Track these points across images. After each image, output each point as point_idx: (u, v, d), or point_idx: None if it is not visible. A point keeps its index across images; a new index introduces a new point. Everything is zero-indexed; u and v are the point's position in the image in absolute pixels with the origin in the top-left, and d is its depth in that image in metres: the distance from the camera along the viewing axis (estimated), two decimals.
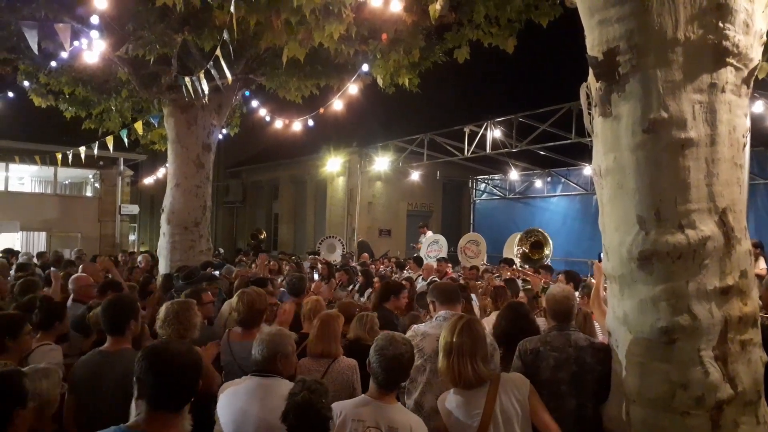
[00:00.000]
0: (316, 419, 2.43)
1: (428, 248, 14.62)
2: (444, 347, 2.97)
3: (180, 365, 2.02)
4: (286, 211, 22.96)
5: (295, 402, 2.43)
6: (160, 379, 1.99)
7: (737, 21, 2.73)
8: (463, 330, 2.97)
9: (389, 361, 2.78)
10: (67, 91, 9.68)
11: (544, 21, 6.78)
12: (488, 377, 2.92)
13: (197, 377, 2.07)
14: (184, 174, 9.35)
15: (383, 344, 2.84)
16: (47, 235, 17.69)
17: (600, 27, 2.87)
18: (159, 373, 1.99)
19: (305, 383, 2.52)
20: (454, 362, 2.91)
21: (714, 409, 2.68)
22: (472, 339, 2.94)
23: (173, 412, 2.00)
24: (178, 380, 2.00)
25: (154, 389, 1.98)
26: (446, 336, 3.00)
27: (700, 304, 2.69)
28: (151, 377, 1.99)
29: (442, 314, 3.58)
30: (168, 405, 2.00)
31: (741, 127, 2.84)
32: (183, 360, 2.03)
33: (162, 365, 2.01)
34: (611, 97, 2.87)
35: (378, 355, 2.80)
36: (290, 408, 2.44)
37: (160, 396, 1.99)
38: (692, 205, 2.70)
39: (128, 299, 3.72)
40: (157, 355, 2.04)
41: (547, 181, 17.85)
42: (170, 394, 2.00)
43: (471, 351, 2.91)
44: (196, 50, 8.15)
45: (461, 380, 2.90)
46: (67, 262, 9.77)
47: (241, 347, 3.81)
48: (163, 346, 2.12)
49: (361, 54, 7.65)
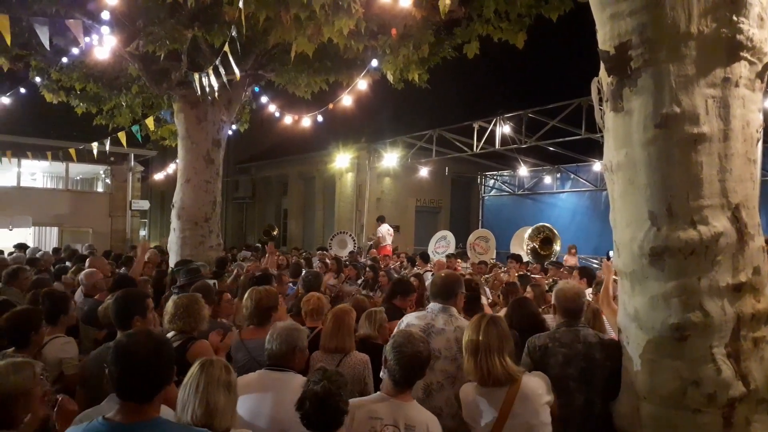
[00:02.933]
0: (333, 410, 2.41)
1: (436, 244, 14.61)
2: (469, 346, 2.95)
3: (140, 354, 2.04)
4: (295, 207, 23.02)
5: (314, 391, 2.40)
6: (124, 371, 2.03)
7: (751, 14, 2.69)
8: (489, 327, 2.94)
9: (408, 359, 2.74)
10: (79, 87, 9.76)
11: (554, 15, 6.74)
12: (517, 374, 2.90)
13: (163, 365, 2.09)
14: (195, 169, 9.40)
15: (402, 341, 2.80)
16: (59, 230, 17.85)
17: (612, 21, 2.84)
18: (123, 365, 2.04)
19: (326, 373, 2.49)
20: (482, 360, 2.88)
21: (726, 406, 2.66)
22: (499, 336, 2.93)
23: (143, 402, 2.04)
24: (140, 371, 2.03)
25: (119, 381, 2.03)
26: (471, 335, 2.97)
27: (713, 300, 2.67)
28: (116, 369, 2.04)
29: (431, 306, 3.59)
30: (133, 396, 2.04)
31: (755, 122, 2.80)
32: (143, 349, 2.05)
33: (125, 357, 2.04)
34: (623, 92, 2.84)
35: (396, 353, 2.77)
36: (308, 396, 2.41)
37: (125, 387, 2.04)
38: (705, 201, 2.68)
39: (136, 294, 3.74)
40: (121, 348, 2.08)
41: (557, 177, 17.76)
42: (134, 385, 2.03)
43: (498, 348, 2.89)
44: (206, 46, 8.17)
45: (490, 378, 2.87)
46: (80, 257, 9.85)
47: (256, 344, 3.80)
48: (127, 338, 2.15)
49: (371, 49, 7.64)
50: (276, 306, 4.10)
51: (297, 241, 21.68)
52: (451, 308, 3.57)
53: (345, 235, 15.99)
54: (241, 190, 25.41)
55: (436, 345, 3.38)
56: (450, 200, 21.29)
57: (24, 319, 3.49)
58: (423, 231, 19.34)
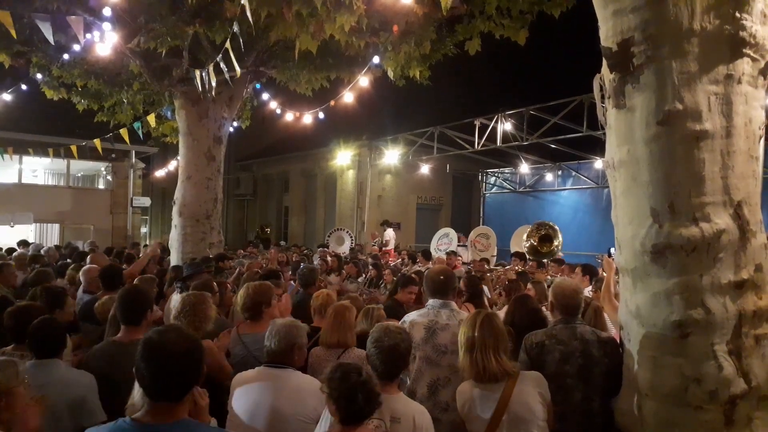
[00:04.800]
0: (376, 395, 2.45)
1: (438, 241, 14.62)
2: (465, 342, 2.98)
3: (174, 354, 1.98)
4: (297, 204, 23.02)
5: (361, 381, 2.41)
6: (156, 369, 1.96)
7: (754, 11, 2.69)
8: (484, 324, 2.97)
9: (387, 351, 2.80)
10: (80, 83, 9.75)
11: (557, 12, 6.71)
12: (513, 371, 2.92)
13: (195, 365, 2.03)
14: (196, 166, 9.40)
15: (379, 335, 2.86)
16: (60, 227, 17.87)
17: (614, 17, 2.83)
18: (155, 364, 1.97)
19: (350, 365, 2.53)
20: (477, 357, 2.91)
21: (727, 403, 2.66)
22: (494, 333, 2.95)
23: (173, 402, 1.99)
24: (174, 370, 1.97)
25: (151, 380, 1.97)
26: (467, 331, 3.00)
27: (714, 298, 2.67)
28: (146, 367, 1.97)
29: (431, 303, 3.60)
30: (167, 395, 1.98)
31: (757, 119, 2.80)
32: (177, 348, 1.99)
33: (158, 356, 1.98)
34: (625, 89, 2.84)
35: (375, 347, 2.83)
36: (357, 386, 2.39)
37: (157, 386, 1.97)
38: (707, 198, 2.68)
39: (144, 290, 3.75)
40: (153, 345, 2.01)
41: (558, 174, 17.74)
42: (167, 384, 1.97)
43: (494, 345, 2.92)
44: (207, 43, 8.16)
45: (486, 374, 2.90)
46: (81, 254, 9.87)
47: (253, 339, 3.82)
48: (159, 336, 2.07)
49: (372, 46, 7.62)
50: (269, 301, 4.07)
51: (298, 238, 21.69)
52: (451, 303, 3.61)
53: (342, 231, 16.01)
54: (243, 187, 25.41)
55: (441, 340, 3.40)
56: (451, 197, 21.29)
57: (25, 316, 3.49)
58: (424, 228, 19.34)
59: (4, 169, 16.08)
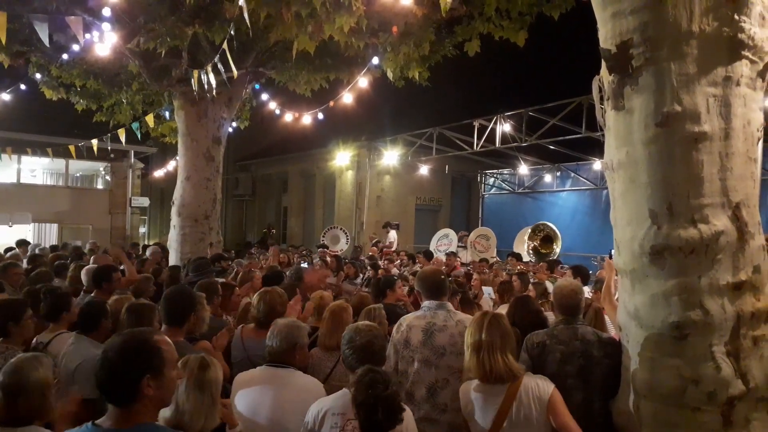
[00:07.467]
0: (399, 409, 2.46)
1: (438, 242, 14.62)
2: (473, 344, 2.96)
3: (109, 357, 1.94)
4: (295, 205, 23.02)
5: (384, 396, 2.42)
6: (99, 373, 1.94)
7: (753, 13, 2.69)
8: (491, 326, 2.95)
9: (360, 350, 2.82)
10: (79, 83, 9.75)
11: (556, 14, 6.73)
12: (519, 372, 2.91)
13: (129, 365, 1.93)
14: (195, 167, 9.39)
15: (350, 336, 2.90)
16: (59, 227, 17.84)
17: (613, 19, 2.84)
18: (99, 367, 1.95)
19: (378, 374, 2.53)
20: (484, 358, 2.89)
21: (725, 405, 2.66)
22: (501, 334, 2.94)
23: (127, 405, 1.93)
24: (112, 371, 1.93)
25: (98, 384, 1.95)
26: (473, 333, 2.98)
27: (713, 299, 2.67)
28: (96, 372, 1.96)
29: (427, 304, 3.58)
30: (116, 399, 1.94)
31: (756, 121, 2.80)
32: (112, 351, 1.95)
33: (101, 360, 1.95)
34: (624, 91, 2.84)
35: (349, 348, 2.86)
36: (379, 400, 2.40)
37: (102, 390, 1.95)
38: (705, 200, 2.68)
39: (189, 293, 3.75)
40: (103, 350, 2.00)
41: (557, 175, 17.76)
42: (108, 388, 1.94)
43: (501, 346, 2.91)
44: (206, 43, 8.16)
45: (493, 375, 2.88)
46: (80, 254, 9.85)
47: (255, 343, 3.82)
48: (109, 341, 2.05)
49: (371, 47, 7.62)
50: (284, 313, 4.09)
51: (297, 238, 21.68)
52: (446, 304, 3.59)
53: (337, 230, 15.99)
54: (242, 187, 25.39)
55: (439, 342, 3.39)
56: (450, 198, 21.30)
57: (5, 310, 3.54)
58: (423, 229, 19.35)
59: (3, 169, 16.07)
